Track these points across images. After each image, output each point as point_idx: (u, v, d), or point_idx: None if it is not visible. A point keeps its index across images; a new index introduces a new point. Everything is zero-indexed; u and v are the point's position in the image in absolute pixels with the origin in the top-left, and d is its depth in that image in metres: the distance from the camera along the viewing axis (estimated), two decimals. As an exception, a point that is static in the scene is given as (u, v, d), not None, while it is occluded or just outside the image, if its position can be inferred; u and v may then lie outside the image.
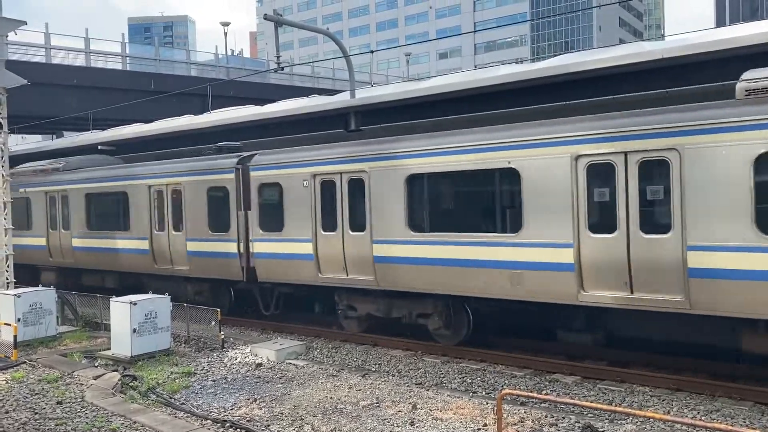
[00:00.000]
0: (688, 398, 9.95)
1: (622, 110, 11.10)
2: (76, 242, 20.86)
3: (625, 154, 10.17)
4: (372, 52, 21.17)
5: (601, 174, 10.43)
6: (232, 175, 16.17)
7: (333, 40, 24.11)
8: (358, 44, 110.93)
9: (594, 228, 10.53)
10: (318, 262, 14.52)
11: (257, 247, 15.69)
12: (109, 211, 20.04)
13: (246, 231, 15.86)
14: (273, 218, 15.43)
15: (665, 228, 9.86)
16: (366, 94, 22.90)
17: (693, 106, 10.21)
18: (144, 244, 18.62)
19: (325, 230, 14.45)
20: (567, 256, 10.71)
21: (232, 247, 16.16)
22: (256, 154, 16.30)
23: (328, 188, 14.43)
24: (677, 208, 9.69)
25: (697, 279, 9.56)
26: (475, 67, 78.77)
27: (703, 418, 9.12)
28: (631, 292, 10.16)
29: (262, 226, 15.63)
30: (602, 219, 10.44)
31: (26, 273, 22.38)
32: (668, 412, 9.36)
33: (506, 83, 18.04)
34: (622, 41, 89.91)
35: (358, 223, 13.93)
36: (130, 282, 19.54)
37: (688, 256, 9.59)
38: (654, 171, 9.98)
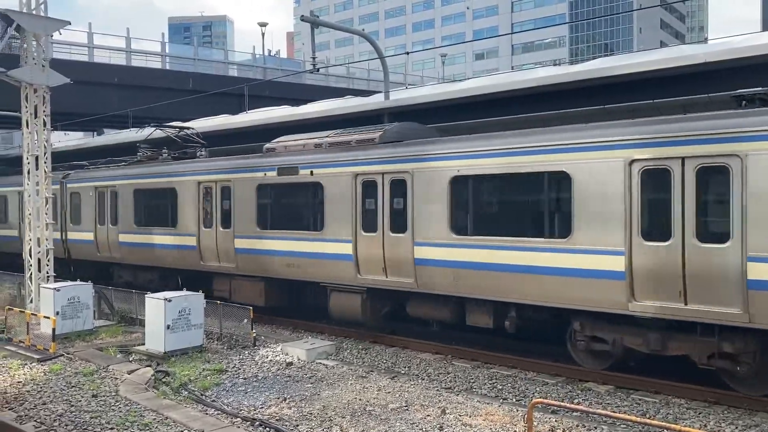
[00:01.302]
0: (725, 412, 9.68)
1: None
2: (426, 253, 12.97)
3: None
4: (407, 53, 21.16)
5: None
6: None
7: (368, 41, 24.19)
8: (393, 45, 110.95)
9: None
10: None
11: None
12: (506, 204, 12.47)
13: None
14: None
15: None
16: (400, 96, 22.91)
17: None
18: (611, 263, 10.53)
19: None
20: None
21: None
22: None
23: None
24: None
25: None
26: (512, 68, 78.12)
27: (741, 433, 8.87)
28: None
29: None
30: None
31: (287, 294, 16.50)
32: (705, 426, 9.12)
33: (543, 86, 17.86)
34: (663, 44, 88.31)
35: None
36: (537, 320, 12.14)
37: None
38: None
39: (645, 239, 10.24)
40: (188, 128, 22.15)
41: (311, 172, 15.20)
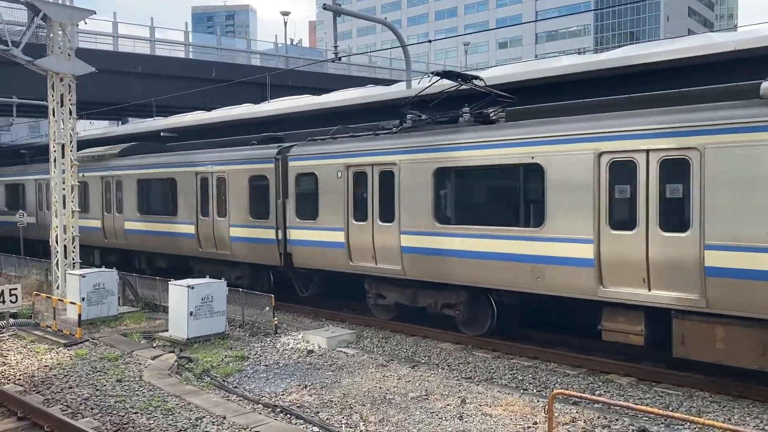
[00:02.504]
0: (750, 406, 9.54)
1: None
2: None
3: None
4: (430, 41, 20.99)
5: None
6: None
7: (391, 30, 24.07)
8: (416, 33, 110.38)
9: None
10: None
11: None
12: None
13: None
14: None
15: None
16: (422, 85, 22.76)
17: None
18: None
19: None
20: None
21: None
22: None
23: None
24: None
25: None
26: (536, 57, 77.30)
27: (766, 428, 8.74)
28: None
29: None
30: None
31: None
32: (729, 420, 9.00)
33: (566, 74, 17.64)
34: (691, 32, 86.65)
35: None
36: None
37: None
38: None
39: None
40: (477, 77, 15.42)
41: None
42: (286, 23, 60.38)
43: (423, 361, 12.30)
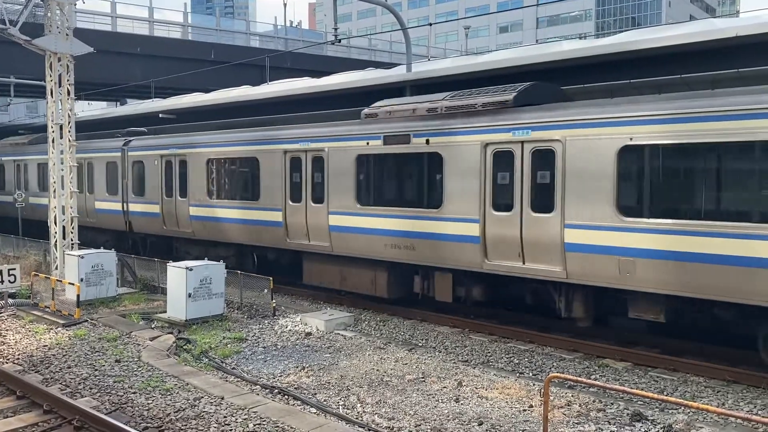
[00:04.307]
0: (744, 391, 9.62)
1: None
2: None
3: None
4: (430, 24, 20.86)
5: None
6: None
7: (391, 12, 23.91)
8: (416, 17, 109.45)
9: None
10: None
11: None
12: None
13: None
14: None
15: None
16: (423, 68, 22.70)
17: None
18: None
19: None
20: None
21: None
22: None
23: None
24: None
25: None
26: (537, 41, 76.83)
27: (760, 412, 8.82)
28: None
29: None
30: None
31: None
32: (723, 405, 9.08)
33: (567, 59, 17.58)
34: (692, 17, 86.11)
35: None
36: None
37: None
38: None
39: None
40: None
41: None
42: (285, 5, 60.08)
43: (420, 344, 12.37)
